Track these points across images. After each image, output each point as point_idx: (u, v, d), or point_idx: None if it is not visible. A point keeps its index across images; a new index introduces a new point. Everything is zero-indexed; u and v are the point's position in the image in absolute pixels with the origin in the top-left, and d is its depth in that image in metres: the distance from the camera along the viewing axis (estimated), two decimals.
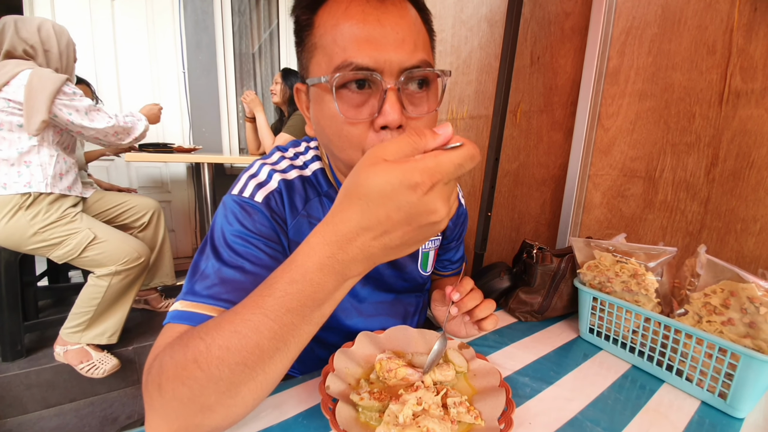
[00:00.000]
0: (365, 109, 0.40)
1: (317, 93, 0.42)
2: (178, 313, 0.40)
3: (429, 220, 0.27)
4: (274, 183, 0.49)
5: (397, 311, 0.65)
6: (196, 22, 2.34)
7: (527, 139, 1.24)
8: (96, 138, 1.30)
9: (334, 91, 0.39)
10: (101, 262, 1.30)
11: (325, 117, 0.42)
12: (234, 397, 0.31)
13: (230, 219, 0.46)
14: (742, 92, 0.76)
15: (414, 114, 0.41)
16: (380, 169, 0.26)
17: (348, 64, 0.38)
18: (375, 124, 0.40)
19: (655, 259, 0.57)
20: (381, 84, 0.39)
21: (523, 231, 1.28)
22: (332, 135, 0.43)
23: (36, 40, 1.21)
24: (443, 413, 0.40)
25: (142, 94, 2.29)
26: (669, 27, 0.86)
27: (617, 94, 0.96)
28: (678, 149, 0.86)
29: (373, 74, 0.38)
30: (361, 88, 0.40)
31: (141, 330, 1.59)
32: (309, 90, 0.45)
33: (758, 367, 0.45)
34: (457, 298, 0.48)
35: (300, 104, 0.50)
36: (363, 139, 0.41)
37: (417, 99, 0.42)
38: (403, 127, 0.40)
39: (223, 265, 0.42)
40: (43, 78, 1.14)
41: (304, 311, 0.30)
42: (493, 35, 1.36)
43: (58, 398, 1.35)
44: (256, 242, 0.45)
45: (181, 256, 2.52)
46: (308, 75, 0.44)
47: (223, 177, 2.61)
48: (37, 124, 1.13)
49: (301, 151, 0.56)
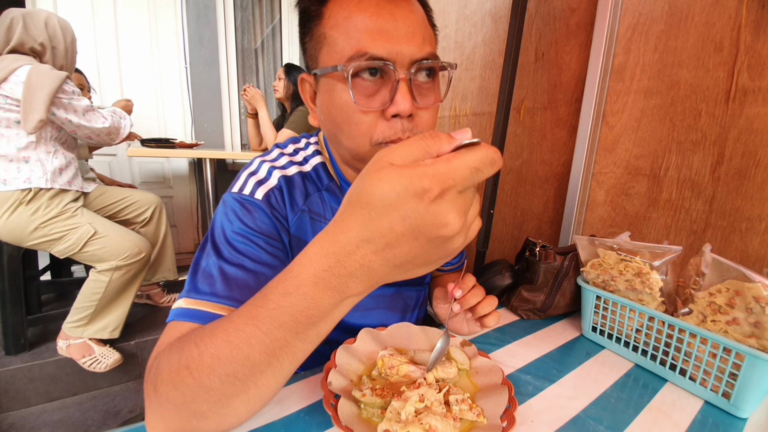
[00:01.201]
0: (377, 98, 0.41)
1: (327, 82, 0.43)
2: (181, 311, 0.40)
3: (439, 234, 0.23)
4: (273, 180, 0.49)
5: (396, 305, 0.64)
6: (198, 17, 2.33)
7: (531, 136, 1.23)
8: (89, 137, 1.31)
9: (349, 80, 0.40)
10: (102, 257, 1.30)
11: (336, 105, 0.43)
12: (226, 407, 0.30)
13: (231, 217, 0.46)
14: (749, 90, 0.75)
15: (422, 104, 0.43)
16: (385, 174, 0.23)
17: (363, 53, 0.39)
18: (386, 112, 0.41)
19: (660, 258, 0.56)
20: (393, 74, 0.40)
21: (526, 229, 1.27)
22: (342, 123, 0.43)
23: (44, 37, 1.20)
24: (445, 410, 0.40)
25: (144, 88, 2.29)
26: (676, 23, 0.85)
27: (622, 91, 0.95)
28: (683, 147, 0.85)
29: (386, 64, 0.40)
30: (373, 76, 0.41)
31: (143, 325, 1.60)
32: (316, 80, 0.46)
33: (763, 367, 0.45)
34: (459, 295, 0.48)
35: (304, 95, 0.50)
36: (373, 127, 0.42)
37: (425, 90, 0.43)
38: (413, 116, 0.42)
39: (224, 262, 0.43)
40: (41, 75, 1.13)
41: (298, 328, 0.28)
42: (497, 31, 1.35)
43: (61, 392, 1.36)
44: (257, 240, 0.45)
45: (183, 252, 2.53)
46: (317, 65, 0.44)
47: (225, 172, 2.61)
48: (34, 123, 1.12)
49: (300, 146, 0.56)
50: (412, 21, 0.41)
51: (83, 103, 1.24)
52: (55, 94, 1.14)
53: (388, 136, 0.42)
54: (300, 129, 1.79)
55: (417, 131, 0.43)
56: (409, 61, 0.40)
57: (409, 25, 0.40)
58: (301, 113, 1.85)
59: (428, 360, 0.49)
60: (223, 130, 2.55)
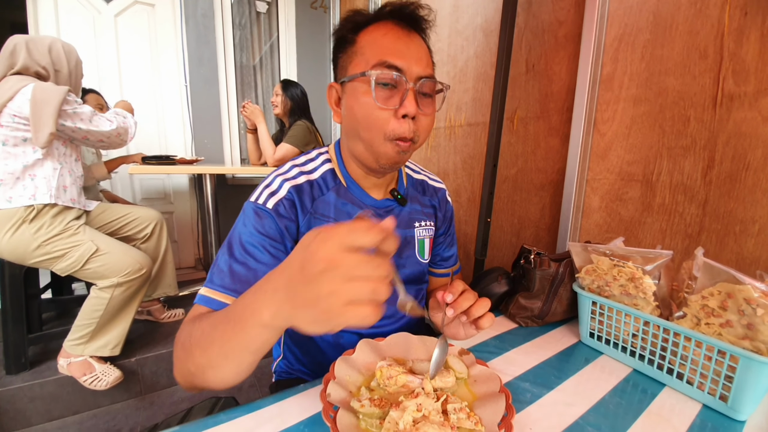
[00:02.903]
0: (391, 101, 0.53)
1: (353, 86, 0.55)
2: (200, 297, 0.52)
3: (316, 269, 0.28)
4: (283, 191, 0.58)
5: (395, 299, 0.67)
6: (198, 37, 2.38)
7: (525, 145, 1.25)
8: (100, 141, 1.33)
9: (373, 82, 0.52)
10: (103, 274, 1.30)
11: (359, 103, 0.54)
12: (203, 375, 0.41)
13: (246, 222, 0.56)
14: (735, 95, 0.77)
15: (423, 111, 0.55)
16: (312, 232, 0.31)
17: (384, 62, 0.52)
18: (398, 113, 0.53)
19: (652, 263, 0.57)
20: (404, 84, 0.53)
21: (524, 236, 1.28)
22: (363, 118, 0.54)
23: (48, 61, 1.23)
24: (443, 419, 0.41)
25: (145, 107, 2.32)
26: (661, 33, 0.88)
27: (612, 99, 0.97)
28: (674, 153, 0.87)
29: (400, 74, 0.52)
30: (387, 86, 0.53)
31: (144, 341, 1.59)
32: (343, 86, 0.58)
33: (758, 369, 0.45)
34: (450, 299, 0.50)
35: (330, 99, 0.62)
36: (387, 123, 0.53)
37: (425, 101, 0.56)
38: (416, 119, 0.54)
39: (233, 260, 0.53)
40: (46, 91, 1.16)
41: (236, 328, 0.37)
42: (488, 44, 1.38)
43: (62, 411, 1.35)
44: (263, 243, 0.55)
45: (183, 267, 2.53)
46: (346, 74, 0.57)
47: (225, 187, 2.62)
48: (45, 137, 1.15)
49: (312, 157, 0.66)
50: (420, 50, 0.55)
51: (87, 110, 1.27)
52: (61, 106, 1.17)
53: (398, 133, 0.53)
54: (299, 143, 1.81)
55: (419, 134, 0.56)
56: (416, 76, 0.53)
57: (418, 52, 0.55)
58: (299, 128, 1.87)
59: (427, 369, 0.49)
60: (222, 145, 2.57)
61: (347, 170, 0.64)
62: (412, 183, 0.73)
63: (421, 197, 0.73)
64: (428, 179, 0.76)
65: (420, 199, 0.72)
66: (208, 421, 0.44)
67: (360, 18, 0.57)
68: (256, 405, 0.47)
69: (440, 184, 0.78)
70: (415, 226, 0.70)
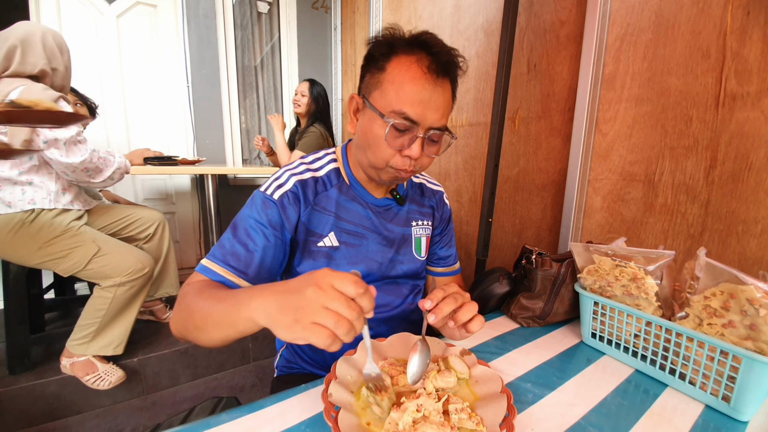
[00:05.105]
0: (399, 142, 0.58)
1: (371, 115, 0.58)
2: (201, 267, 0.58)
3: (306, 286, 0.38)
4: (289, 184, 0.63)
5: (392, 290, 0.73)
6: (200, 38, 2.38)
7: (526, 145, 1.24)
8: (63, 172, 1.23)
9: (388, 128, 0.56)
10: (106, 274, 1.31)
11: (372, 132, 0.59)
12: (196, 335, 0.50)
13: (253, 208, 0.62)
14: (738, 95, 0.76)
15: (426, 153, 0.59)
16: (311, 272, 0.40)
17: (401, 113, 0.55)
18: (403, 152, 0.58)
19: (654, 263, 0.57)
20: (415, 131, 0.57)
21: (525, 236, 1.28)
22: (372, 144, 0.59)
23: (44, 61, 1.22)
24: (444, 420, 0.41)
25: (147, 108, 2.33)
26: (663, 32, 0.87)
27: (614, 99, 0.97)
28: (676, 153, 0.86)
29: (414, 125, 0.56)
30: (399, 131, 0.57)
31: (146, 341, 1.60)
32: (364, 103, 0.60)
33: (760, 370, 0.45)
34: (429, 306, 0.49)
35: (350, 106, 0.65)
36: (392, 156, 0.59)
37: (431, 145, 0.60)
38: (418, 159, 0.59)
39: (235, 240, 0.59)
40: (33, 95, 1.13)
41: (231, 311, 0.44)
42: (489, 44, 1.38)
43: (64, 410, 1.35)
44: (263, 229, 0.60)
45: (185, 267, 2.53)
46: (369, 95, 0.60)
47: (227, 188, 2.63)
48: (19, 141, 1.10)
49: (319, 156, 0.71)
50: (442, 101, 0.57)
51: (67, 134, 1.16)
52: None
53: (399, 166, 0.59)
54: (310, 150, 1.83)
55: (419, 167, 0.61)
56: (428, 126, 0.57)
57: (438, 102, 0.56)
58: (314, 135, 1.91)
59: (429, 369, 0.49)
60: (224, 146, 2.58)
61: (351, 171, 0.69)
62: (411, 185, 0.78)
63: (419, 198, 0.77)
64: (427, 182, 0.81)
65: (418, 200, 0.77)
66: (210, 421, 0.44)
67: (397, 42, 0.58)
68: (257, 405, 0.47)
69: (438, 187, 0.83)
70: (413, 224, 0.74)
